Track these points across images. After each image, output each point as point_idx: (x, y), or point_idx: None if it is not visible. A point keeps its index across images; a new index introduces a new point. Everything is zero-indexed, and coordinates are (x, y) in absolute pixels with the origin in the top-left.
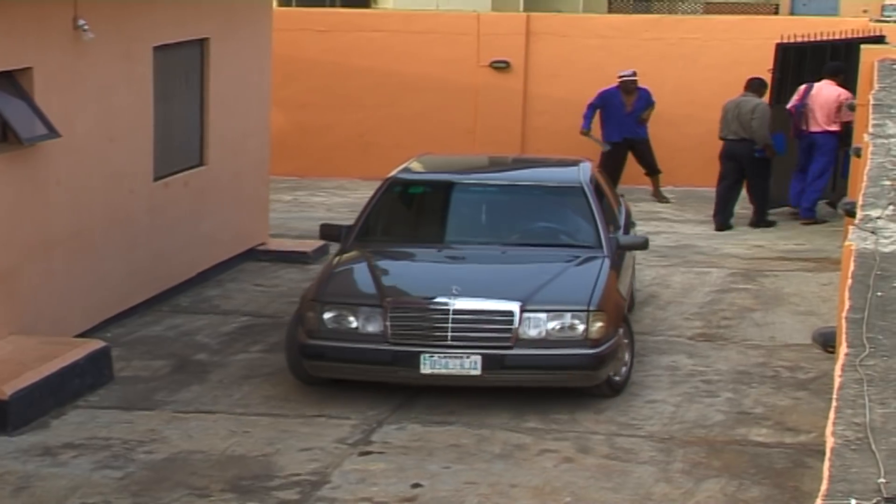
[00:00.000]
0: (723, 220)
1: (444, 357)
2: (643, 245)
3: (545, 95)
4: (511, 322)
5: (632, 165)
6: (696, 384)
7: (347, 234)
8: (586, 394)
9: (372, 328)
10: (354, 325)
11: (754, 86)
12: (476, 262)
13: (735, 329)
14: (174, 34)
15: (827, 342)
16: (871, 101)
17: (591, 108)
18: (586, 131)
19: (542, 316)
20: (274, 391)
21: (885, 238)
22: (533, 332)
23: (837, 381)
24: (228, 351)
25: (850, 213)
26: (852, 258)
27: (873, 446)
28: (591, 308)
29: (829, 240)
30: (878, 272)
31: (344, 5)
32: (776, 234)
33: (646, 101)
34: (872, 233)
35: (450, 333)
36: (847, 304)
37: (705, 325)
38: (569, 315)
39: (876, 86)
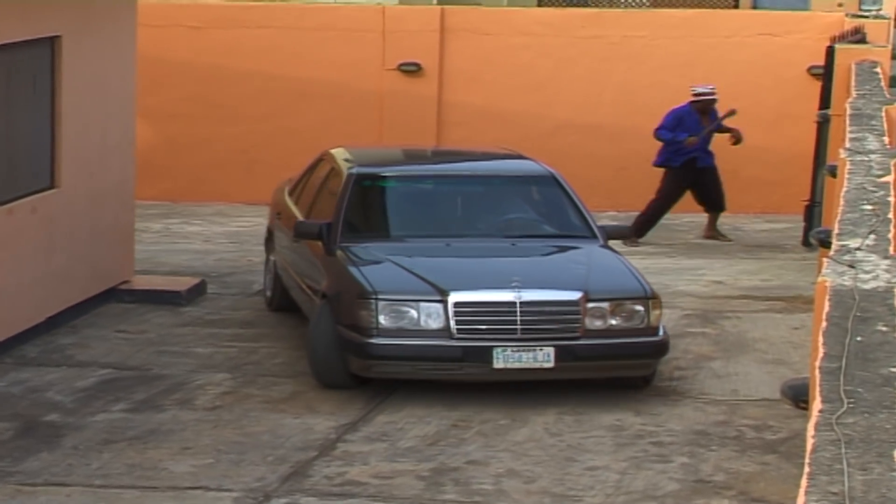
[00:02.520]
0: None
1: (518, 350)
2: (627, 233)
3: (463, 103)
4: (578, 312)
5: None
6: (644, 447)
7: (330, 232)
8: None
9: (434, 324)
10: (415, 321)
11: None
12: (495, 254)
13: (691, 381)
14: (16, 31)
15: (798, 396)
16: (848, 111)
17: (663, 131)
18: (679, 165)
19: (605, 306)
20: (140, 458)
21: (865, 272)
22: (598, 323)
23: (811, 442)
24: (85, 410)
25: (825, 243)
26: (827, 297)
27: None
28: (650, 296)
29: (800, 275)
30: (858, 313)
31: None
32: (738, 268)
33: (717, 125)
34: (850, 266)
35: (519, 326)
36: (821, 352)
37: (656, 377)
38: (630, 304)
39: (853, 93)
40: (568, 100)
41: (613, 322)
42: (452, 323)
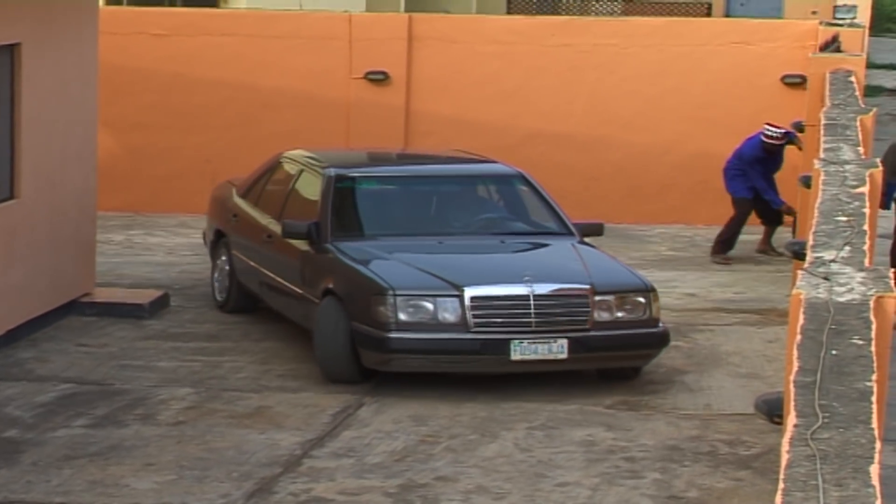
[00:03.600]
0: None
1: (533, 343)
2: (600, 230)
3: (431, 113)
4: (587, 305)
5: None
6: (616, 462)
7: (319, 231)
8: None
9: (451, 318)
10: (433, 316)
11: None
12: (490, 251)
13: (663, 395)
14: None
15: (772, 411)
16: (823, 121)
17: (761, 183)
18: (747, 197)
19: (611, 298)
20: (101, 475)
21: (840, 285)
22: (605, 315)
23: (785, 457)
24: (45, 426)
25: (799, 256)
26: (802, 309)
27: None
28: (650, 289)
29: (774, 287)
30: (833, 326)
31: (186, 4)
32: (711, 280)
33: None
34: (825, 279)
35: (534, 319)
36: (796, 366)
37: (627, 391)
38: (633, 296)
39: (828, 102)
40: (538, 109)
41: (619, 314)
42: (469, 316)
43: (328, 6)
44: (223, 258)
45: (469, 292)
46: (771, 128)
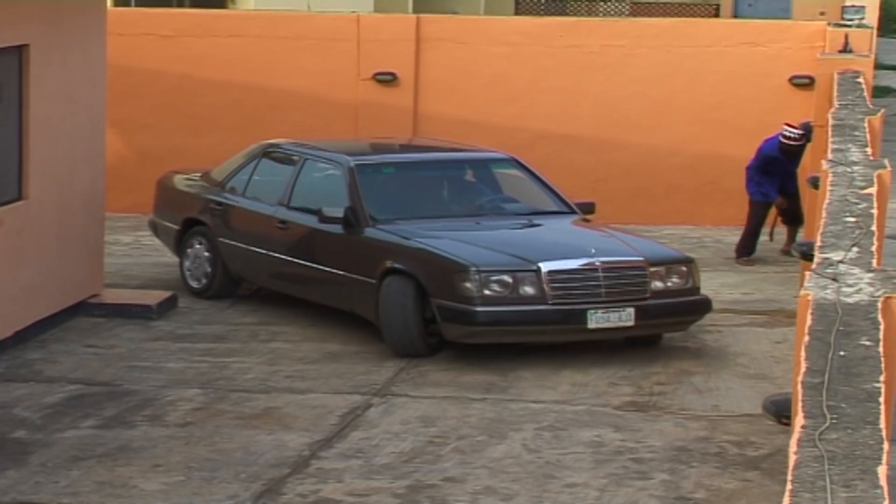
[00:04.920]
0: None
1: (606, 311)
2: (593, 209)
3: (439, 114)
4: (646, 276)
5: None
6: (624, 463)
7: (356, 215)
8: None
9: (531, 291)
10: (515, 290)
11: None
12: (528, 229)
13: (671, 396)
14: None
15: (781, 412)
16: (831, 122)
17: (757, 178)
18: (761, 200)
19: (662, 269)
20: (110, 476)
21: (848, 286)
22: (659, 284)
23: (793, 458)
24: (54, 427)
25: (807, 256)
26: (810, 310)
27: None
28: (692, 260)
29: (782, 288)
30: (841, 327)
31: (194, 5)
32: (720, 281)
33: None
34: (833, 279)
35: (603, 290)
36: (804, 367)
37: (636, 392)
38: (678, 266)
39: (836, 103)
40: (545, 110)
41: (669, 283)
42: (547, 289)
43: (336, 7)
44: (198, 246)
45: (545, 267)
46: (789, 128)
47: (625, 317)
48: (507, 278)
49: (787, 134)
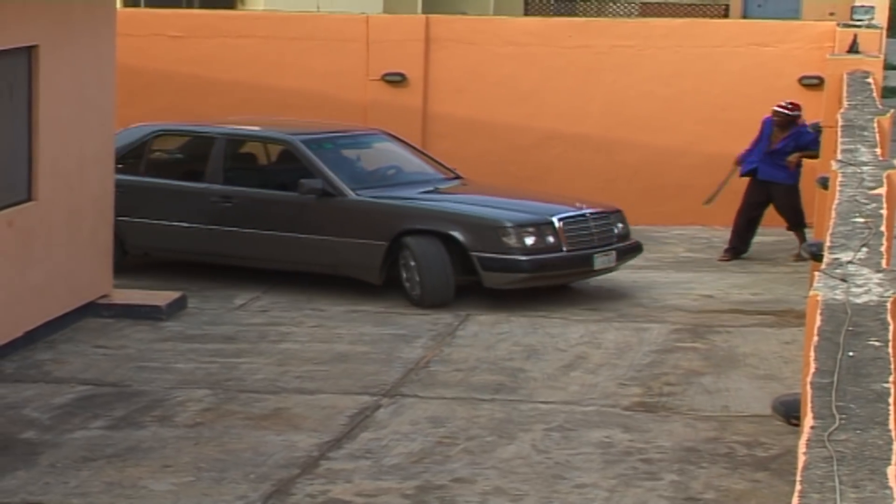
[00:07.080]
0: None
1: (603, 254)
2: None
3: (448, 115)
4: (612, 222)
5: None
6: (633, 464)
7: (333, 186)
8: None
9: (553, 241)
10: (542, 241)
11: None
12: (476, 194)
13: (681, 397)
14: None
15: (790, 412)
16: (840, 122)
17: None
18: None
19: (620, 215)
20: (119, 476)
21: (858, 286)
22: (615, 229)
23: (802, 459)
24: (63, 427)
25: (816, 257)
26: (819, 311)
27: None
28: (621, 211)
29: (791, 288)
30: (850, 328)
31: (204, 6)
32: (729, 281)
33: (796, 142)
34: (842, 280)
35: (595, 236)
36: (813, 367)
37: (645, 393)
38: (621, 215)
39: (845, 103)
40: (555, 110)
41: (616, 229)
42: (563, 238)
43: (345, 8)
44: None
45: (556, 219)
46: (781, 104)
47: (611, 259)
48: (535, 231)
49: (779, 105)
